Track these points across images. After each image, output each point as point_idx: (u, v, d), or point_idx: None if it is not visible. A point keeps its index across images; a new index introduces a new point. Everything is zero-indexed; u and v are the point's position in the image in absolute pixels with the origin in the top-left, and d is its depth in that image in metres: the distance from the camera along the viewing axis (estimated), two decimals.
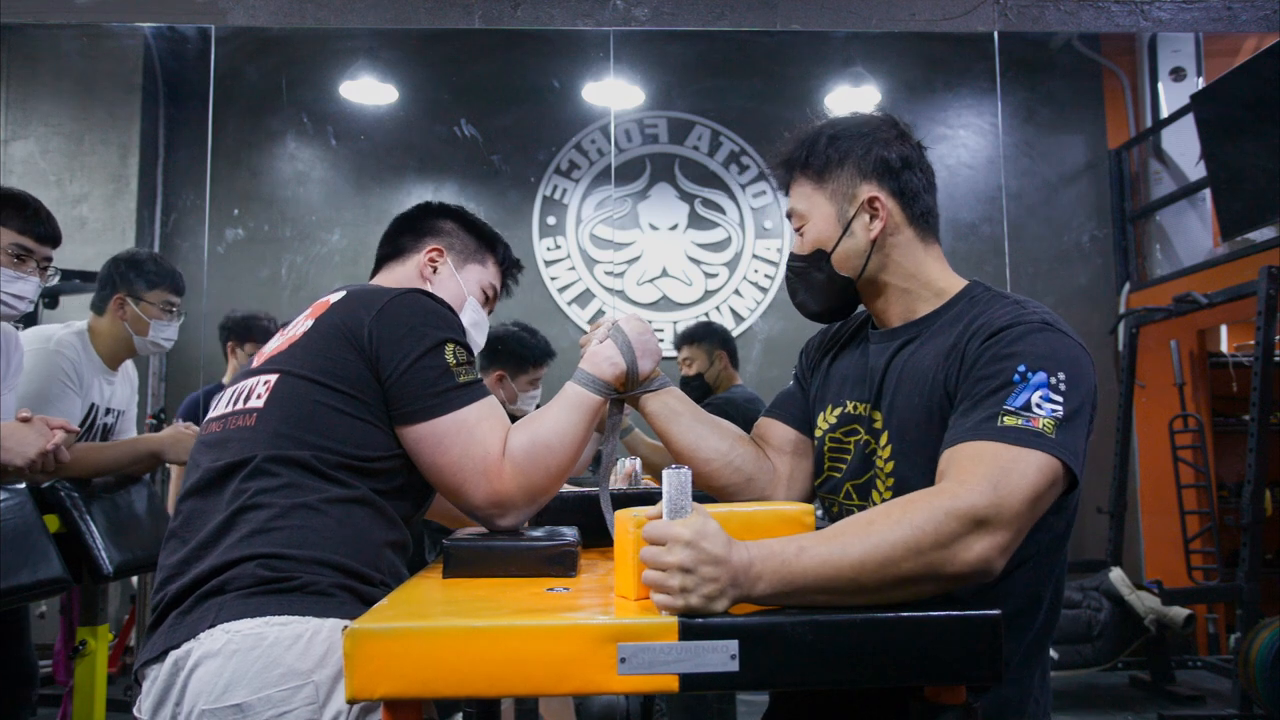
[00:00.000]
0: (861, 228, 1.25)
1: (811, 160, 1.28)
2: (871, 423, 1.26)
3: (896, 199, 1.25)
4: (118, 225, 4.69)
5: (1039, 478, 0.98)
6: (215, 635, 1.09)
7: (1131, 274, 5.05)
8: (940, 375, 1.16)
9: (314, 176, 5.04)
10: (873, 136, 1.26)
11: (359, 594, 1.16)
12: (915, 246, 1.27)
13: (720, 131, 5.11)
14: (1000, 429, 1.02)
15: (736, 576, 0.89)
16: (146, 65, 4.82)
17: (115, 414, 2.45)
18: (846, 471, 1.30)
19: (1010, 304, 1.17)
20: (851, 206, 1.25)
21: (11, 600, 1.82)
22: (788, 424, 1.42)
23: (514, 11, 3.82)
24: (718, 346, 3.47)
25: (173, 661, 1.11)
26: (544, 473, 1.26)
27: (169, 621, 1.15)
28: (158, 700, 1.13)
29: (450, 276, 1.51)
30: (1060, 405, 1.03)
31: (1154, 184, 5.07)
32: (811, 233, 1.29)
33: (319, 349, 1.24)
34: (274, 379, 1.25)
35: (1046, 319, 1.12)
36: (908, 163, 1.26)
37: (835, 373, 1.37)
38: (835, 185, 1.26)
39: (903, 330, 1.27)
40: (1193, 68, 5.07)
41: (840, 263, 1.27)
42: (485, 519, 1.27)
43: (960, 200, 5.00)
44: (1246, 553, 3.51)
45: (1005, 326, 1.11)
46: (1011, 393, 1.04)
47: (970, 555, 0.93)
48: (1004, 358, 1.08)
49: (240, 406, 1.26)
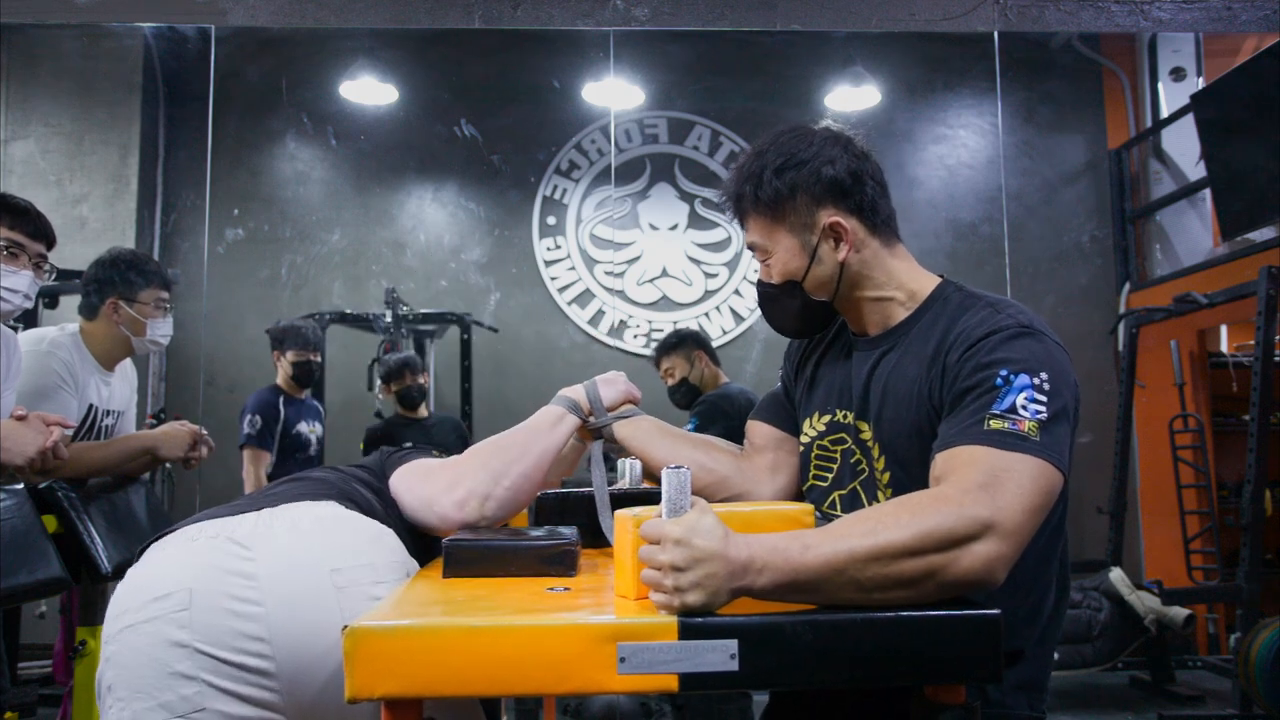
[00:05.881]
0: (828, 253, 1.24)
1: (760, 196, 1.24)
2: (858, 433, 1.27)
3: (856, 216, 1.23)
4: (118, 225, 4.68)
5: (1034, 488, 0.99)
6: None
7: (1131, 274, 5.05)
8: (924, 389, 1.17)
9: (314, 176, 5.04)
10: (818, 158, 1.22)
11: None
12: (882, 255, 1.26)
13: (720, 131, 5.11)
14: (987, 432, 1.03)
15: (735, 570, 0.89)
16: (146, 65, 4.81)
17: (115, 415, 2.45)
18: (832, 480, 1.31)
19: (984, 308, 1.17)
20: (814, 234, 1.24)
21: (11, 600, 1.82)
22: (770, 423, 1.44)
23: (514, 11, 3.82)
24: (694, 348, 3.51)
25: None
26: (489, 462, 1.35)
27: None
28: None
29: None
30: (1044, 406, 1.04)
31: (1154, 184, 5.06)
32: (778, 265, 1.27)
33: None
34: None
35: (1023, 322, 1.13)
36: (858, 177, 1.23)
37: (820, 379, 1.37)
38: (793, 218, 1.24)
39: (882, 339, 1.27)
40: (1193, 68, 5.07)
41: (814, 289, 1.27)
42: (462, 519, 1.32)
43: (960, 200, 5.00)
44: (1246, 553, 3.51)
45: (984, 335, 1.12)
46: (996, 397, 1.05)
47: (973, 562, 0.93)
48: (986, 365, 1.09)
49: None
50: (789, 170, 1.22)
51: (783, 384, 1.47)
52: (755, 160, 1.25)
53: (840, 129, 1.27)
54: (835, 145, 1.24)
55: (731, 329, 4.98)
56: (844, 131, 1.27)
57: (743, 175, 1.26)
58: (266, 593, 1.06)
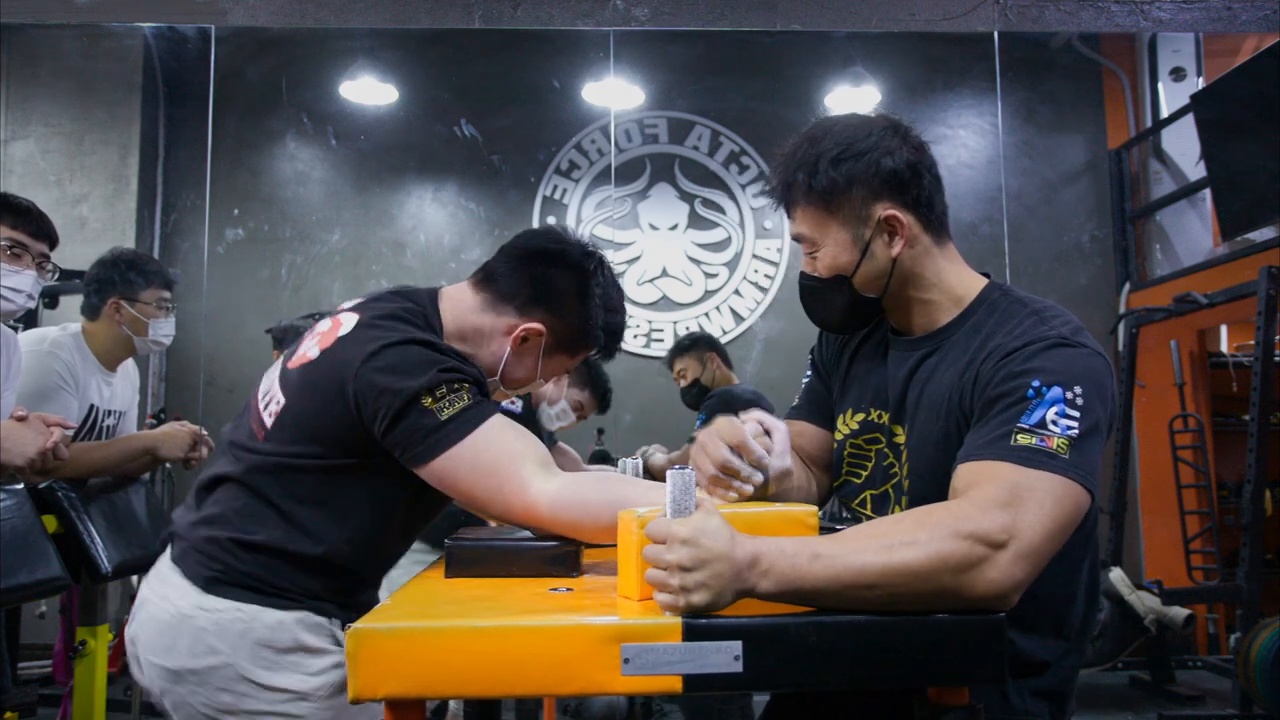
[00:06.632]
0: (881, 247, 1.18)
1: (814, 185, 1.16)
2: (893, 435, 1.25)
3: (912, 211, 1.18)
4: (118, 225, 4.68)
5: (1056, 509, 0.96)
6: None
7: (1131, 274, 5.05)
8: (956, 398, 1.14)
9: (314, 176, 5.04)
10: (877, 149, 1.16)
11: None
12: (934, 253, 1.21)
13: (720, 131, 5.10)
14: (1013, 448, 0.99)
15: (740, 572, 0.88)
16: (146, 65, 4.81)
17: (117, 415, 2.45)
18: (866, 480, 1.29)
19: (1028, 316, 1.13)
20: (867, 228, 1.17)
21: (11, 600, 1.81)
22: (820, 425, 1.38)
23: (514, 11, 3.82)
24: (706, 349, 3.56)
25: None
26: (573, 525, 1.20)
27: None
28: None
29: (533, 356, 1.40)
30: (1076, 422, 1.00)
31: (1154, 184, 5.06)
32: (826, 259, 1.20)
33: (309, 411, 1.27)
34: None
35: (1064, 334, 1.08)
36: (916, 170, 1.17)
37: (856, 374, 1.32)
38: (846, 210, 1.17)
39: (924, 341, 1.22)
40: (1193, 68, 5.07)
41: (863, 285, 1.20)
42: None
43: (960, 200, 4.99)
44: (1246, 553, 3.51)
45: (1022, 345, 1.08)
46: (1026, 409, 1.02)
47: (987, 588, 0.91)
48: (1018, 375, 1.05)
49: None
50: (846, 161, 1.15)
51: (816, 373, 1.40)
52: (810, 147, 1.18)
53: (897, 119, 1.21)
54: (894, 136, 1.18)
55: (731, 329, 4.97)
56: (900, 122, 1.20)
57: (795, 163, 1.19)
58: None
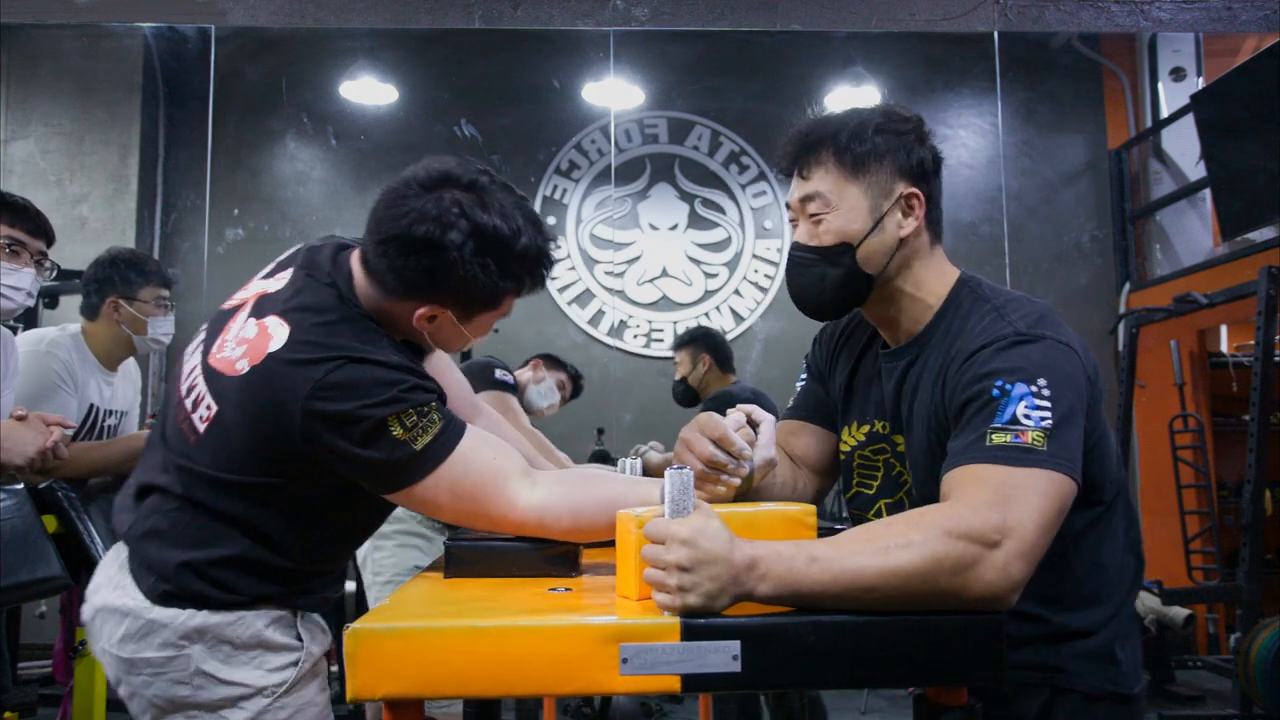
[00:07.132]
0: (893, 224, 1.21)
1: (852, 146, 1.20)
2: (896, 446, 1.27)
3: (927, 202, 1.23)
4: (118, 225, 4.68)
5: (1045, 503, 0.97)
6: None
7: (1131, 274, 5.05)
8: (933, 409, 1.17)
9: (314, 176, 5.04)
10: (913, 134, 1.23)
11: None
12: (926, 252, 1.24)
13: (720, 131, 5.10)
14: (992, 449, 1.01)
15: (738, 575, 0.89)
16: (146, 65, 4.81)
17: (118, 415, 2.44)
18: (879, 489, 1.30)
19: (987, 314, 1.16)
20: (887, 201, 1.20)
21: (11, 600, 1.82)
22: (817, 425, 1.39)
23: (514, 11, 3.82)
24: (702, 350, 3.46)
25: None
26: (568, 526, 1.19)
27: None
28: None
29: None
30: (1049, 413, 1.02)
31: (1154, 184, 5.07)
32: (837, 222, 1.20)
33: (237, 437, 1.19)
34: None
35: (1020, 330, 1.10)
36: (937, 167, 1.25)
37: (856, 388, 1.34)
38: (872, 178, 1.20)
39: (906, 350, 1.25)
40: (1193, 68, 5.07)
41: (865, 258, 1.20)
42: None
43: (960, 200, 4.99)
44: (1246, 553, 3.51)
45: (981, 346, 1.11)
46: (996, 409, 1.04)
47: (984, 589, 0.92)
48: (982, 377, 1.07)
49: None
50: (888, 133, 1.21)
51: (813, 377, 1.42)
52: (854, 114, 1.23)
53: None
54: (924, 131, 1.26)
55: (731, 329, 4.97)
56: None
57: (836, 123, 1.22)
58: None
